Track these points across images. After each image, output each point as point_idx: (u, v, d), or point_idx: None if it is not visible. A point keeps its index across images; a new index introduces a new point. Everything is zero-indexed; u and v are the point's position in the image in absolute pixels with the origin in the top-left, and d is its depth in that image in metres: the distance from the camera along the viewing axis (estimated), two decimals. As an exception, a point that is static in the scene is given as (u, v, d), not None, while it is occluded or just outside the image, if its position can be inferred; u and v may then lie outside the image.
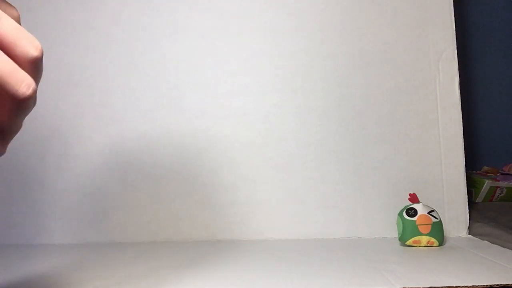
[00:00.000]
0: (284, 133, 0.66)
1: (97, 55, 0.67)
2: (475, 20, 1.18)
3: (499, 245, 0.57)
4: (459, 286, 0.40)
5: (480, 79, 1.18)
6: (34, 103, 0.22)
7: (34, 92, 0.22)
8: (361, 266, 0.48)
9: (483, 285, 0.40)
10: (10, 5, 0.23)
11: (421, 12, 0.68)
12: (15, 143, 0.72)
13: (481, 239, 0.61)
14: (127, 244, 0.62)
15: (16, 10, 0.24)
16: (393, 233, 0.60)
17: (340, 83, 0.67)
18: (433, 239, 0.56)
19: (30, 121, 0.67)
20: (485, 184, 0.95)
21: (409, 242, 0.56)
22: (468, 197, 0.66)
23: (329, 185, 0.65)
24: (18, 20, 0.23)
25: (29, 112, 0.22)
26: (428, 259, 0.51)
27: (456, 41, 0.68)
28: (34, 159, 0.66)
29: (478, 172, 1.05)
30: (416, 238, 0.56)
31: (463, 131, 0.67)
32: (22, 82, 0.21)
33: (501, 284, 0.40)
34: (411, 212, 0.57)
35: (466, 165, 0.66)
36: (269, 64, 0.67)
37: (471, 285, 0.40)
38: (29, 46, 0.21)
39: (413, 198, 0.59)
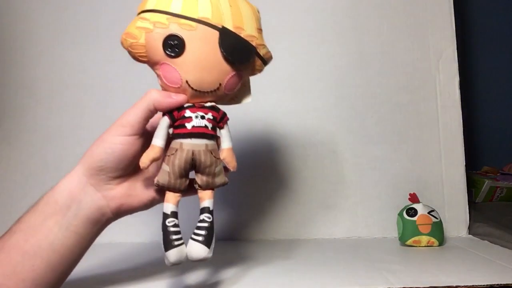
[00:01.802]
0: (284, 133, 0.66)
1: (97, 55, 0.67)
2: (475, 20, 1.17)
3: (499, 245, 0.57)
4: (459, 286, 0.40)
5: (480, 79, 1.18)
6: None
7: None
8: (361, 266, 0.48)
9: (483, 285, 0.40)
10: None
11: (421, 12, 0.68)
12: (15, 143, 0.72)
13: (481, 239, 0.62)
14: (124, 244, 0.62)
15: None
16: (393, 233, 0.60)
17: (340, 83, 0.67)
18: (433, 239, 0.56)
19: (31, 121, 0.67)
20: (485, 184, 0.95)
21: (409, 242, 0.56)
22: (468, 197, 0.66)
23: (329, 185, 0.65)
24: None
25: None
26: (428, 259, 0.51)
27: (456, 41, 0.68)
28: (34, 159, 0.66)
29: (478, 172, 1.05)
30: (416, 238, 0.56)
31: (463, 131, 0.67)
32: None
33: (501, 284, 0.40)
34: (411, 212, 0.57)
35: (466, 165, 0.66)
36: (269, 64, 0.67)
37: (471, 285, 0.40)
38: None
39: (413, 198, 0.60)
